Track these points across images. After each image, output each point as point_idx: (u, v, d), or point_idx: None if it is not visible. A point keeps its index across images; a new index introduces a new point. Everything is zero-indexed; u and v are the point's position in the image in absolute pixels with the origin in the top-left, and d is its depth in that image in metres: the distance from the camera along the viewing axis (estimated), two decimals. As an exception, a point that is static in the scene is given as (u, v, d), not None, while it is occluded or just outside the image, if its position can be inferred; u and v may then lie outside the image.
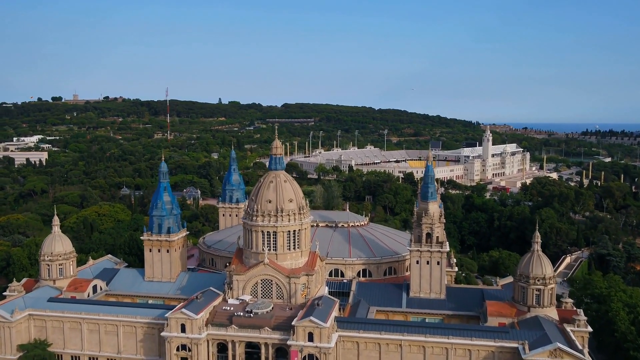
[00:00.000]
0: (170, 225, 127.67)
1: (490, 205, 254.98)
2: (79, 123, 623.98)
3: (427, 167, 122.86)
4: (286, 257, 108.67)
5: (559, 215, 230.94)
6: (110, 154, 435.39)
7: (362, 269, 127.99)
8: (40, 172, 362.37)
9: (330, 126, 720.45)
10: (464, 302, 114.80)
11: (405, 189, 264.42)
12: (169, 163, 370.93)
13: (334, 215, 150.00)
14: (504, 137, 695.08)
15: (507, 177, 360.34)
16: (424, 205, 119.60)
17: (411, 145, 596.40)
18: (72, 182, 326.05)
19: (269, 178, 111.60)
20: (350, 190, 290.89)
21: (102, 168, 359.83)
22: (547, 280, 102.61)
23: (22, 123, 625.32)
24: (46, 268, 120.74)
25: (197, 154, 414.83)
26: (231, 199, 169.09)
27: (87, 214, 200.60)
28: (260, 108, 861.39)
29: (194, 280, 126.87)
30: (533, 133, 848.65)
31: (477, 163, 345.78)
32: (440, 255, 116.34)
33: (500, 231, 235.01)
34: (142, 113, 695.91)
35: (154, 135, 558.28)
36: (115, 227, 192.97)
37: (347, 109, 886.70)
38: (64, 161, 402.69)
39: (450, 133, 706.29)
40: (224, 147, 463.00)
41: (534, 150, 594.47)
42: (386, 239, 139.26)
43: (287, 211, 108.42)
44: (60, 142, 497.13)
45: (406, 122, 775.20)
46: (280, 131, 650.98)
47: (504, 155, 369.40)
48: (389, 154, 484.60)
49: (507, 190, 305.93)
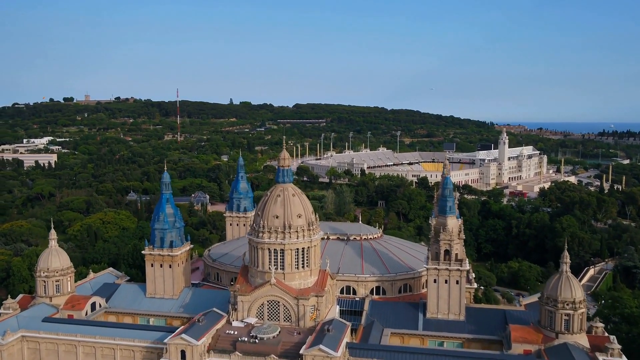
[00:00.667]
0: (172, 239, 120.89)
1: (508, 211, 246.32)
2: (90, 124, 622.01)
3: (445, 180, 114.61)
4: (294, 276, 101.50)
5: (580, 223, 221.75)
6: (120, 156, 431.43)
7: (376, 286, 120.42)
8: (49, 175, 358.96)
9: (342, 127, 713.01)
10: (485, 325, 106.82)
11: (419, 194, 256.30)
12: (178, 166, 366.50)
13: (346, 227, 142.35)
14: (519, 138, 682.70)
15: (524, 181, 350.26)
16: (442, 219, 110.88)
17: (424, 147, 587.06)
18: (80, 186, 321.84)
19: (276, 191, 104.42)
20: (362, 195, 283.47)
21: (111, 171, 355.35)
22: (577, 304, 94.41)
23: (33, 124, 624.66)
24: (42, 284, 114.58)
25: (207, 157, 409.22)
26: (239, 208, 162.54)
27: (92, 221, 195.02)
28: (271, 109, 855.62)
29: (197, 297, 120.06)
30: (548, 134, 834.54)
31: (493, 167, 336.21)
32: (460, 274, 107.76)
33: (518, 239, 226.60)
34: (153, 114, 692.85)
35: (164, 137, 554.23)
36: (119, 236, 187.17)
37: (359, 109, 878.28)
38: (73, 163, 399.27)
39: (464, 134, 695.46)
40: (234, 149, 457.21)
41: (550, 152, 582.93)
42: (401, 253, 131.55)
43: (296, 227, 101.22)
44: (70, 143, 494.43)
45: (419, 122, 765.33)
46: (291, 132, 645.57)
47: (520, 158, 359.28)
48: (401, 156, 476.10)
49: (524, 195, 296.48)
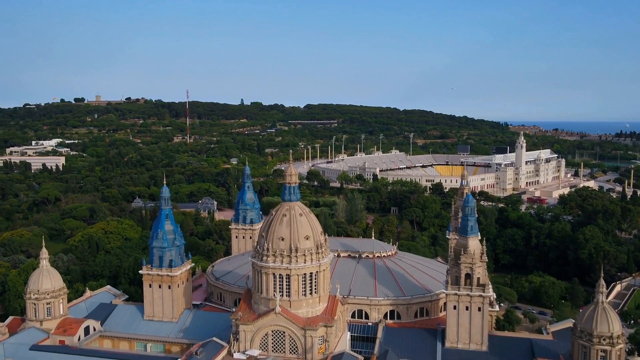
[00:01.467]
0: (172, 258, 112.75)
1: (527, 220, 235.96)
2: (99, 125, 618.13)
3: (466, 198, 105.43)
4: (301, 304, 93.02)
5: (604, 233, 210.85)
6: (128, 159, 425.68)
7: (390, 310, 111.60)
8: (56, 179, 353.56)
9: (354, 128, 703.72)
10: (510, 356, 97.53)
11: (434, 201, 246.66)
12: (186, 169, 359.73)
13: (358, 243, 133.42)
14: (535, 140, 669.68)
15: (542, 186, 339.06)
16: (463, 240, 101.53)
17: (438, 149, 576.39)
18: (86, 190, 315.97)
19: (282, 211, 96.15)
20: (374, 201, 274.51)
21: (118, 174, 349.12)
22: (615, 339, 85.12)
23: (43, 125, 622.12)
24: (32, 307, 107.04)
25: (216, 160, 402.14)
26: (245, 220, 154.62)
27: (93, 231, 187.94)
28: (282, 109, 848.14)
29: (198, 320, 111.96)
30: (564, 135, 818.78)
31: (509, 171, 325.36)
32: (482, 301, 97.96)
33: (538, 250, 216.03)
34: (163, 115, 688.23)
35: (173, 139, 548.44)
36: (122, 247, 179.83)
37: (370, 109, 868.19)
38: (81, 166, 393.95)
39: (477, 135, 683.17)
40: (244, 151, 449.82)
41: (567, 154, 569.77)
42: (417, 272, 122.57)
43: (303, 250, 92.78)
44: (78, 145, 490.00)
45: (432, 123, 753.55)
46: (302, 133, 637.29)
47: (538, 162, 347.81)
48: (414, 159, 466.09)
49: (543, 202, 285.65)
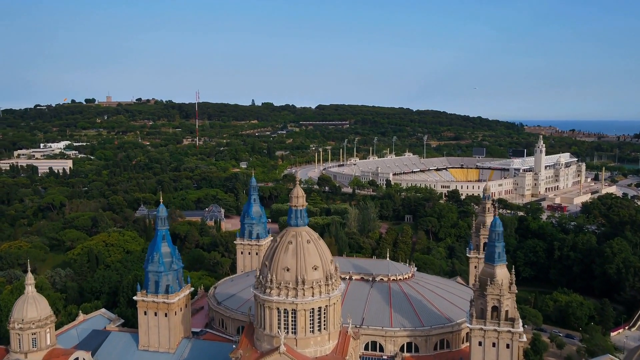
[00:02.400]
0: (169, 283, 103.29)
1: (549, 230, 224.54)
2: (109, 127, 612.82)
3: (494, 221, 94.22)
4: (309, 342, 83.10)
5: (632, 246, 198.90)
6: (136, 162, 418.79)
7: (407, 342, 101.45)
8: (62, 183, 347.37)
9: (366, 129, 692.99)
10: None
11: (450, 210, 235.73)
12: (194, 174, 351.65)
13: (371, 265, 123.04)
14: (552, 142, 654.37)
15: (562, 191, 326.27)
16: (490, 269, 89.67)
17: (452, 151, 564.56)
18: (92, 195, 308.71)
19: (287, 237, 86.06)
20: (388, 208, 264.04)
21: (125, 179, 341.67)
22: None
23: (52, 127, 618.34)
24: (16, 338, 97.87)
25: (225, 163, 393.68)
26: (251, 235, 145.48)
27: (93, 244, 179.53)
28: (293, 110, 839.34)
29: (197, 351, 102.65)
30: (581, 135, 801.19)
31: (528, 177, 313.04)
32: (511, 337, 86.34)
33: (561, 263, 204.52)
34: (173, 116, 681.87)
35: (182, 141, 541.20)
36: (122, 261, 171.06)
37: (383, 110, 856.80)
38: (88, 170, 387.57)
39: (492, 136, 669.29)
40: (254, 154, 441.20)
41: (585, 156, 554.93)
42: (436, 298, 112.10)
43: (311, 282, 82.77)
44: (87, 148, 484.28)
45: (446, 124, 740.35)
46: (313, 135, 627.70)
47: (557, 166, 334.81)
48: (428, 162, 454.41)
49: (564, 210, 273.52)
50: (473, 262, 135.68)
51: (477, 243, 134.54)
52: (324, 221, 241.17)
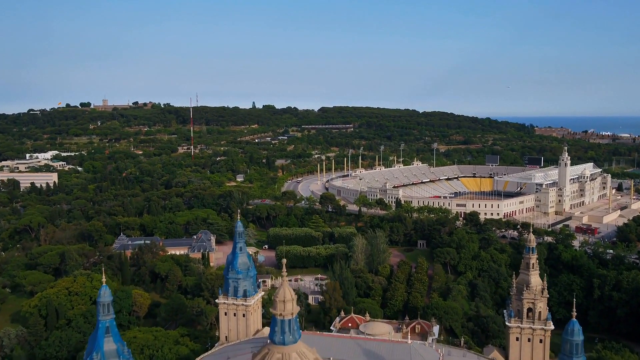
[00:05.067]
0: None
1: (585, 263, 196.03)
2: (102, 134, 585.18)
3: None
4: None
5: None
6: (127, 175, 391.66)
7: None
8: (44, 201, 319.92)
9: (371, 133, 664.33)
10: None
11: (471, 239, 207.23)
12: (186, 190, 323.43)
13: (388, 350, 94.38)
14: (566, 146, 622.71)
15: (588, 208, 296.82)
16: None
17: (461, 157, 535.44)
18: (73, 217, 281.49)
19: None
20: (398, 233, 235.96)
21: (112, 196, 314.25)
22: None
23: (43, 134, 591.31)
24: None
25: (221, 177, 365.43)
26: (236, 292, 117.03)
27: (54, 292, 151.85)
28: (295, 113, 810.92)
29: None
30: (595, 137, 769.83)
31: (552, 193, 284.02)
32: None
33: (602, 304, 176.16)
34: (170, 121, 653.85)
35: (178, 149, 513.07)
36: (87, 314, 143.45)
37: (388, 112, 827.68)
38: (74, 184, 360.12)
39: (504, 140, 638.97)
40: (252, 165, 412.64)
41: (603, 161, 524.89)
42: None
43: None
44: (75, 158, 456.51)
45: (454, 127, 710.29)
46: (316, 140, 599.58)
47: (582, 180, 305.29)
48: (438, 171, 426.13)
49: (594, 232, 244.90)
50: (514, 332, 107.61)
51: (519, 308, 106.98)
52: (327, 251, 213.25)
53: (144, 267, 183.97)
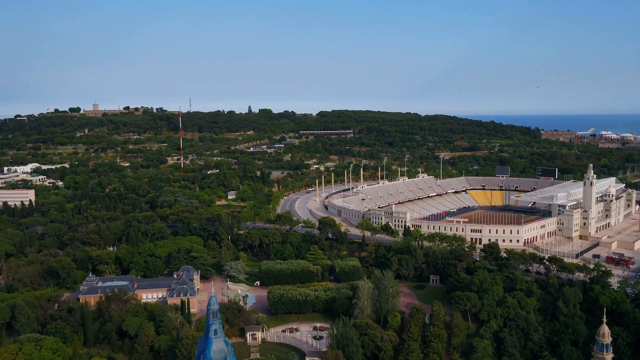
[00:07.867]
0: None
1: (629, 310, 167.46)
2: (89, 142, 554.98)
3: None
4: None
5: None
6: (110, 191, 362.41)
7: None
8: (16, 224, 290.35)
9: (372, 139, 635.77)
10: None
11: (495, 282, 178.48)
12: (171, 211, 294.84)
13: None
14: (577, 152, 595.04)
15: (615, 231, 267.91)
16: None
17: (468, 165, 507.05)
18: (45, 244, 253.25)
19: None
20: (407, 266, 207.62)
21: (90, 219, 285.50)
22: None
23: (27, 142, 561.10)
24: None
25: (211, 194, 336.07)
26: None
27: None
28: (293, 117, 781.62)
29: None
30: (604, 141, 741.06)
31: (576, 215, 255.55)
32: None
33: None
34: (160, 129, 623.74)
35: (167, 160, 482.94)
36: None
37: (389, 115, 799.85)
38: (52, 202, 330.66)
39: (510, 146, 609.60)
40: (245, 179, 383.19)
41: (617, 169, 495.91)
42: None
43: None
44: (56, 172, 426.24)
45: (458, 131, 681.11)
46: (315, 148, 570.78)
47: (607, 199, 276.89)
48: (445, 183, 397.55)
49: (629, 264, 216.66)
50: None
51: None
52: (327, 295, 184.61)
53: (110, 322, 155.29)
